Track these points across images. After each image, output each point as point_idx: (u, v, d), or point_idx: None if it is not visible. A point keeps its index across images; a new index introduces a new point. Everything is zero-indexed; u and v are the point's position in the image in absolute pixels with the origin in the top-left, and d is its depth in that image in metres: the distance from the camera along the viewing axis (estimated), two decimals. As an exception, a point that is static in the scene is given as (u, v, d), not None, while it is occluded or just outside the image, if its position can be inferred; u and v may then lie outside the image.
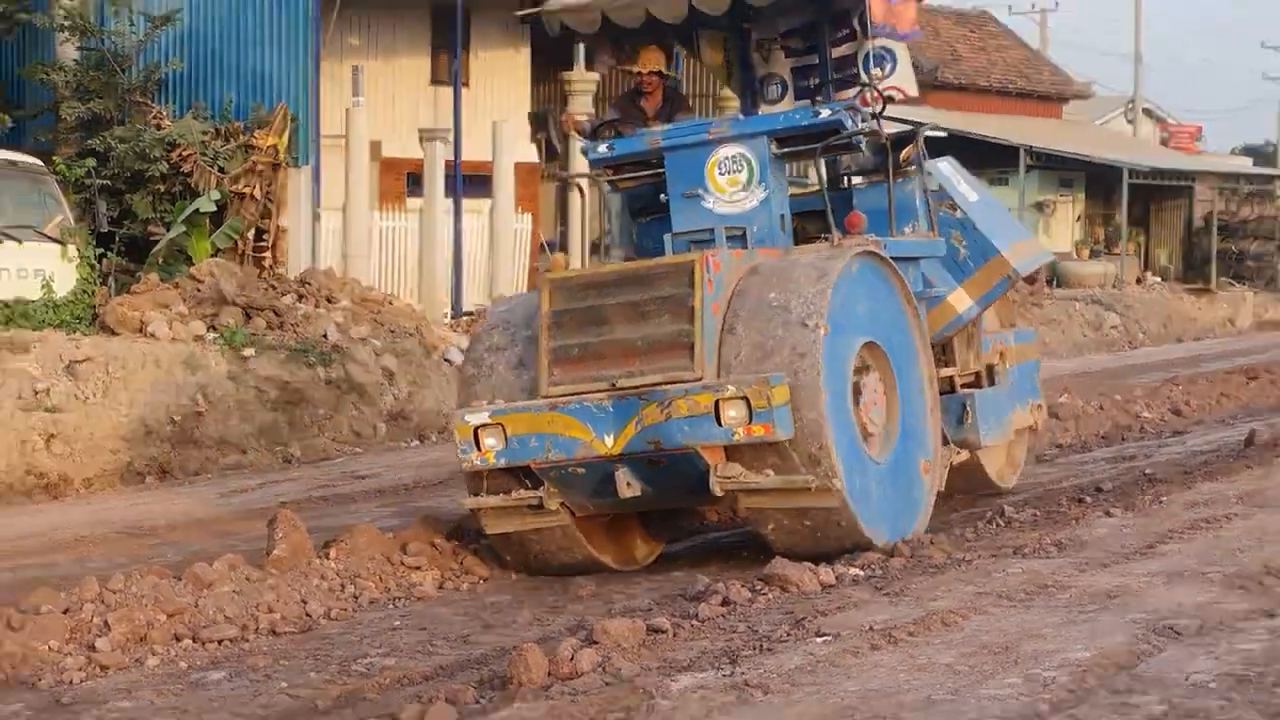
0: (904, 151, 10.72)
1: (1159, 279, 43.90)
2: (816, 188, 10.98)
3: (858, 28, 10.29)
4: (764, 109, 11.09)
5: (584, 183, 11.52)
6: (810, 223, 10.51)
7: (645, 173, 10.65)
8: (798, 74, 11.06)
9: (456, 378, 10.41)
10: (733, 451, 8.80)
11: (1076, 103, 54.49)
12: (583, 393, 9.09)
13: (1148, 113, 60.53)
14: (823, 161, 10.89)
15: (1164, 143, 58.42)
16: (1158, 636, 7.31)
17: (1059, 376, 22.70)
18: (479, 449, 9.23)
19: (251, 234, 22.20)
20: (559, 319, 9.36)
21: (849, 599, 8.38)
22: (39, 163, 21.54)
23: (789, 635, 7.56)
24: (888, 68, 10.23)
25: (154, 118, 23.36)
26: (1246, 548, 9.34)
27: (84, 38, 24.42)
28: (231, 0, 24.42)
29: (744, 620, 8.03)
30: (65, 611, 8.67)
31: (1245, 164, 56.76)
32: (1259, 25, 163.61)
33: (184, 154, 22.49)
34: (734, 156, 10.07)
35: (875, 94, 10.25)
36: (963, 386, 11.14)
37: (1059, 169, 45.57)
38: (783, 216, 10.26)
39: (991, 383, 11.55)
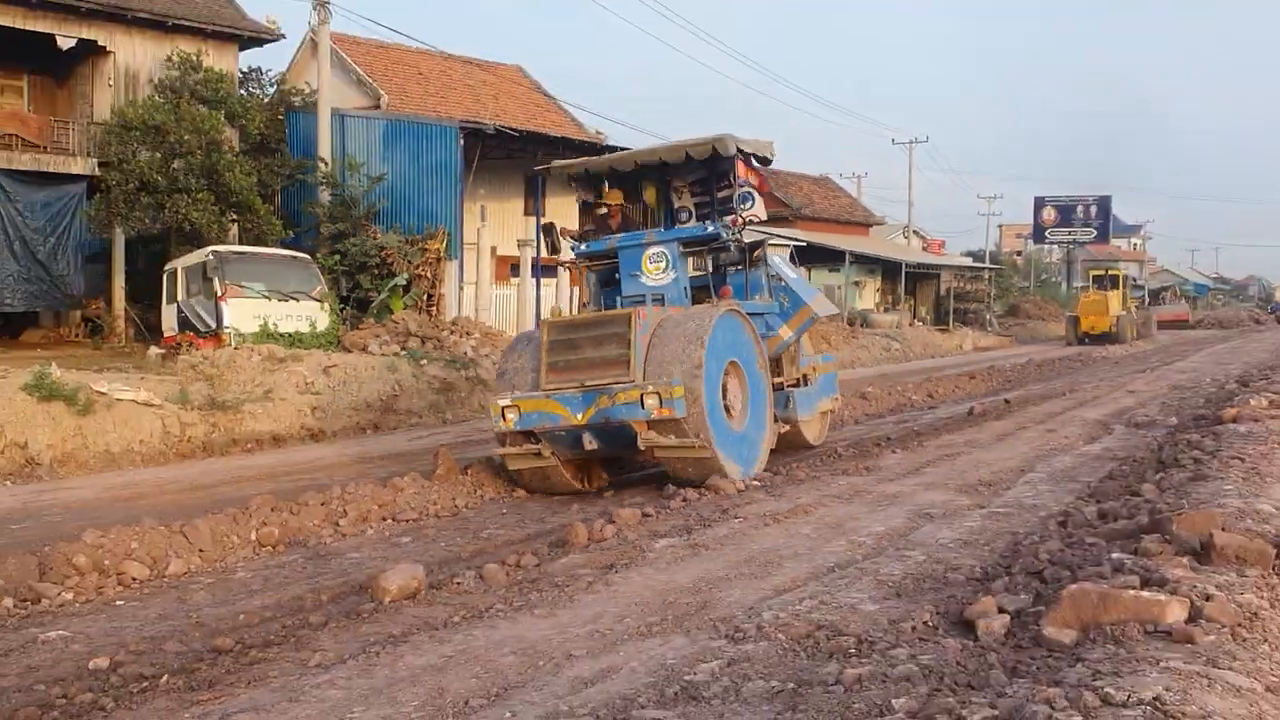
0: (755, 253, 11.06)
1: (921, 323, 43.94)
2: (703, 273, 11.17)
3: (733, 180, 10.48)
4: (677, 226, 11.12)
5: (572, 268, 11.44)
6: (702, 294, 10.73)
7: (608, 262, 10.77)
8: (699, 207, 11.20)
9: (495, 375, 10.38)
10: (652, 424, 8.85)
11: (876, 227, 54.56)
12: (564, 388, 9.16)
13: (915, 232, 60.56)
14: (709, 258, 11.02)
15: (924, 249, 58.47)
16: (920, 519, 7.35)
17: (868, 377, 22.70)
18: (504, 419, 9.27)
19: (425, 298, 22.18)
20: (553, 345, 9.41)
21: (752, 498, 8.38)
22: (309, 257, 21.54)
23: (720, 518, 7.58)
24: (749, 204, 10.28)
25: (371, 233, 23.36)
26: (969, 470, 9.38)
27: (333, 188, 24.42)
28: (414, 168, 24.43)
29: (694, 509, 8.04)
30: (322, 504, 8.67)
31: (967, 260, 56.92)
32: (977, 179, 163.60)
33: (387, 254, 22.53)
34: (658, 252, 10.29)
35: (741, 220, 10.34)
36: (788, 386, 11.20)
37: (867, 263, 45.51)
38: (686, 288, 10.39)
39: (805, 384, 11.51)
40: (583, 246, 10.92)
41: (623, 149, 13.29)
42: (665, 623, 5.07)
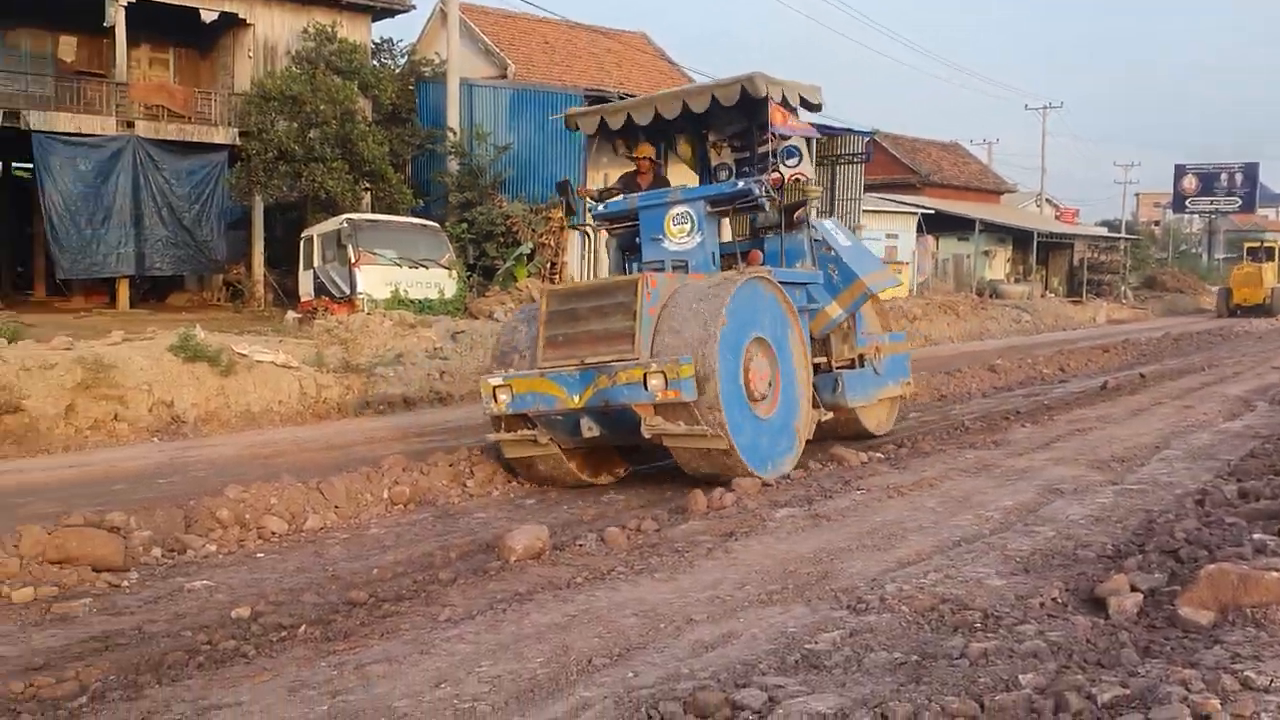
0: (796, 213, 9.46)
1: (1053, 294, 42.76)
2: (742, 237, 10.01)
3: (774, 135, 9.16)
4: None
5: (590, 230, 10.27)
6: (735, 261, 9.44)
7: (629, 225, 9.49)
8: (740, 163, 9.83)
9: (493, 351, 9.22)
10: (659, 408, 7.72)
11: (1007, 195, 53.17)
12: (562, 366, 8.05)
13: (1048, 200, 58.89)
14: (746, 220, 9.98)
15: (1057, 217, 56.77)
16: (1050, 494, 7.17)
17: (996, 349, 22.21)
18: (496, 401, 8.24)
19: (548, 266, 22.43)
20: (552, 316, 8.30)
21: (876, 470, 8.28)
22: (437, 225, 21.98)
23: (842, 489, 7.51)
24: (794, 159, 9.09)
25: (497, 202, 23.70)
26: (1101, 445, 9.10)
27: (461, 157, 24.82)
28: (539, 136, 24.64)
29: (815, 480, 7.97)
30: (450, 465, 8.87)
31: (1102, 230, 55.01)
32: (1115, 147, 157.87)
33: (513, 222, 22.82)
34: (682, 213, 9.00)
35: (782, 176, 9.07)
36: (838, 368, 9.92)
37: (998, 232, 44.42)
38: (714, 254, 9.09)
39: (861, 366, 10.14)
40: (600, 207, 9.68)
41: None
42: (786, 591, 5.07)
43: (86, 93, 23.56)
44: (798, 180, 9.50)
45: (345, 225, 20.05)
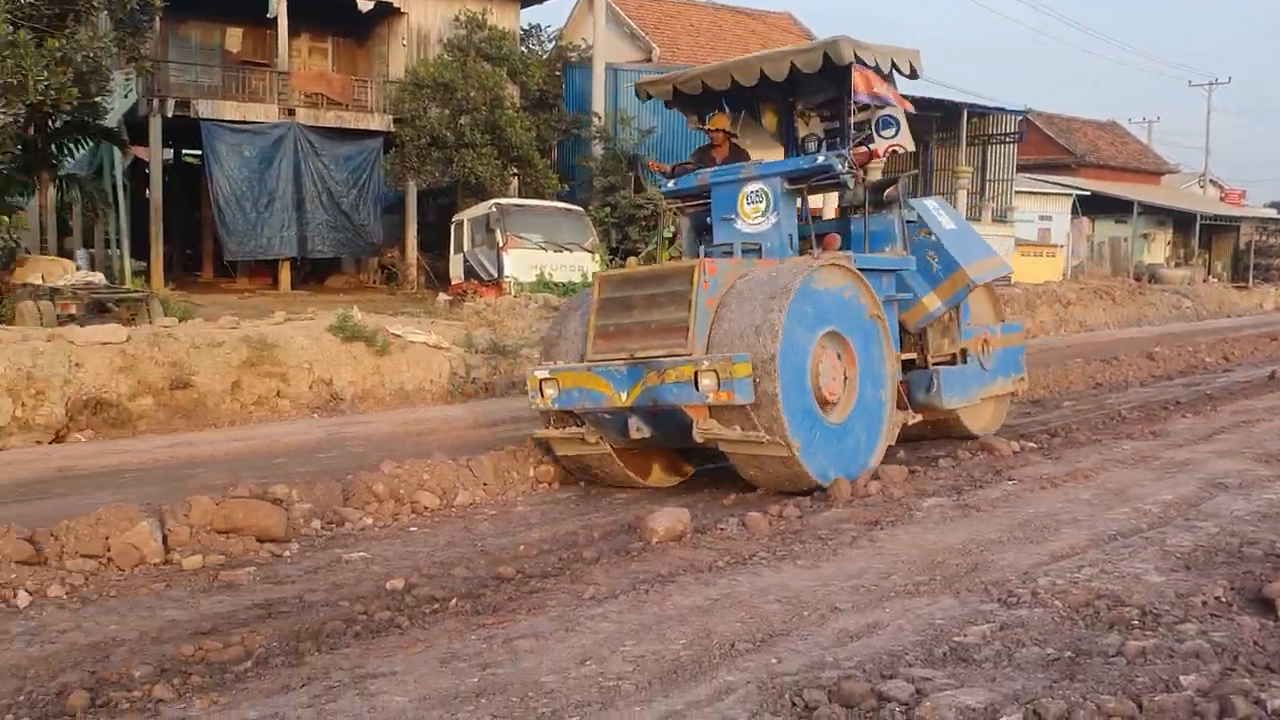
0: (886, 192, 8.59)
1: (1216, 279, 40.81)
2: (830, 218, 9.04)
3: (850, 96, 8.33)
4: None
5: (662, 207, 9.51)
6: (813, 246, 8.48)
7: (701, 203, 8.70)
8: (829, 134, 8.83)
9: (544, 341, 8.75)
10: (714, 410, 7.00)
11: (1168, 176, 50.97)
12: (611, 359, 7.40)
13: (1212, 181, 56.18)
14: (834, 196, 9.07)
15: (1221, 199, 54.07)
16: (1213, 488, 6.85)
17: (1154, 336, 21.34)
18: (542, 395, 7.65)
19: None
20: (603, 304, 7.64)
21: (1028, 460, 8.03)
22: (582, 209, 22.23)
23: (992, 479, 7.32)
24: (891, 130, 8.52)
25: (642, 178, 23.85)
26: (1268, 438, 8.66)
27: (605, 142, 25.02)
28: (682, 121, 24.56)
29: (965, 470, 7.78)
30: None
31: (1270, 212, 52.15)
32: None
33: (655, 206, 22.96)
34: (757, 191, 8.15)
35: (874, 151, 8.55)
36: (935, 364, 8.97)
37: (1158, 214, 42.68)
38: (790, 237, 8.20)
39: (963, 361, 9.18)
40: (669, 184, 8.86)
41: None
42: (933, 583, 4.97)
43: (251, 82, 24.54)
44: (895, 153, 8.92)
45: (494, 210, 20.45)
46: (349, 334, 12.76)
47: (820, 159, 8.12)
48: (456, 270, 21.60)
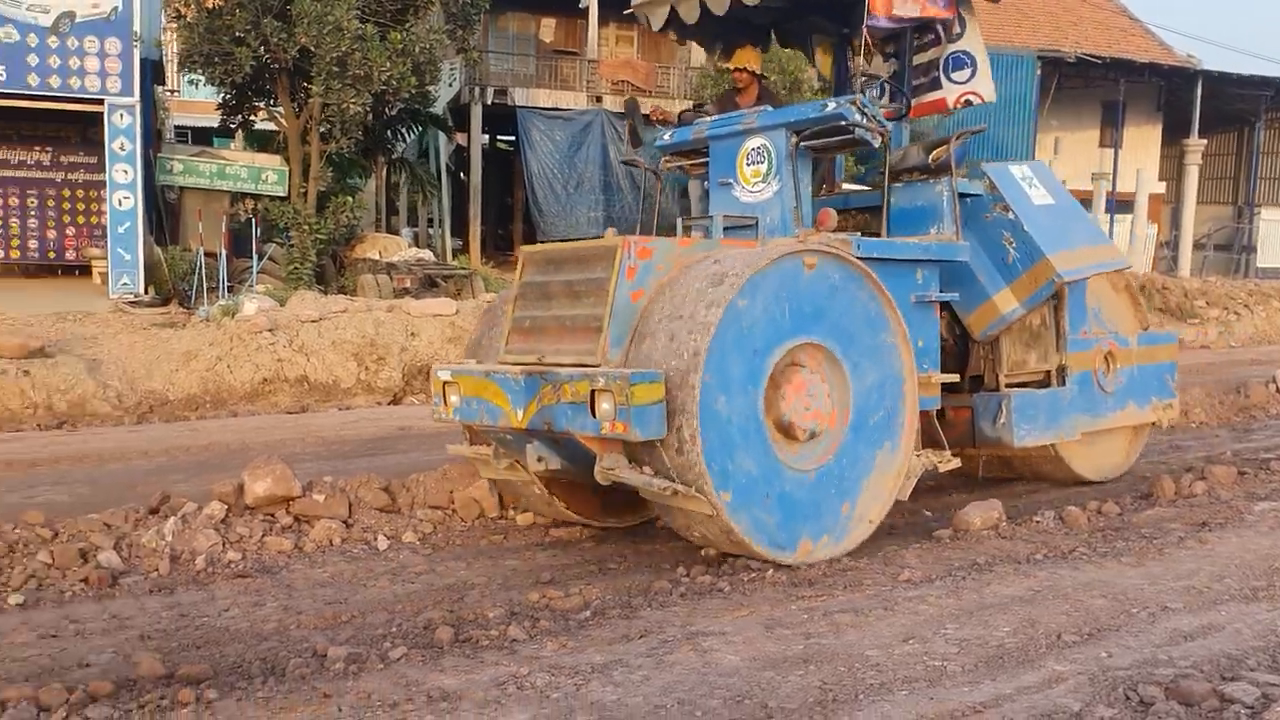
0: (933, 154, 6.47)
1: None
2: (868, 189, 7.20)
3: (940, 32, 6.80)
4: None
5: (655, 166, 7.23)
6: (849, 219, 6.78)
7: (703, 161, 6.81)
8: (896, 78, 6.89)
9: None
10: (609, 444, 5.08)
11: None
12: (519, 363, 5.59)
13: None
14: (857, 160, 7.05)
15: None
16: None
17: None
18: (444, 403, 5.82)
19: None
20: (523, 291, 5.83)
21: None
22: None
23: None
24: (967, 73, 6.81)
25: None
26: None
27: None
28: (986, 102, 23.98)
29: (1302, 474, 7.31)
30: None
31: None
32: None
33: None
34: (759, 148, 6.21)
35: (951, 101, 6.91)
36: (1012, 384, 6.85)
37: None
38: (797, 210, 6.08)
39: (1060, 384, 6.96)
40: (665, 135, 6.95)
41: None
42: (1273, 589, 4.71)
43: (562, 70, 25.69)
44: (969, 102, 7.01)
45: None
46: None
47: (831, 106, 6.02)
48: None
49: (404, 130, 22.07)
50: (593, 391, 4.92)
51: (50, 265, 19.00)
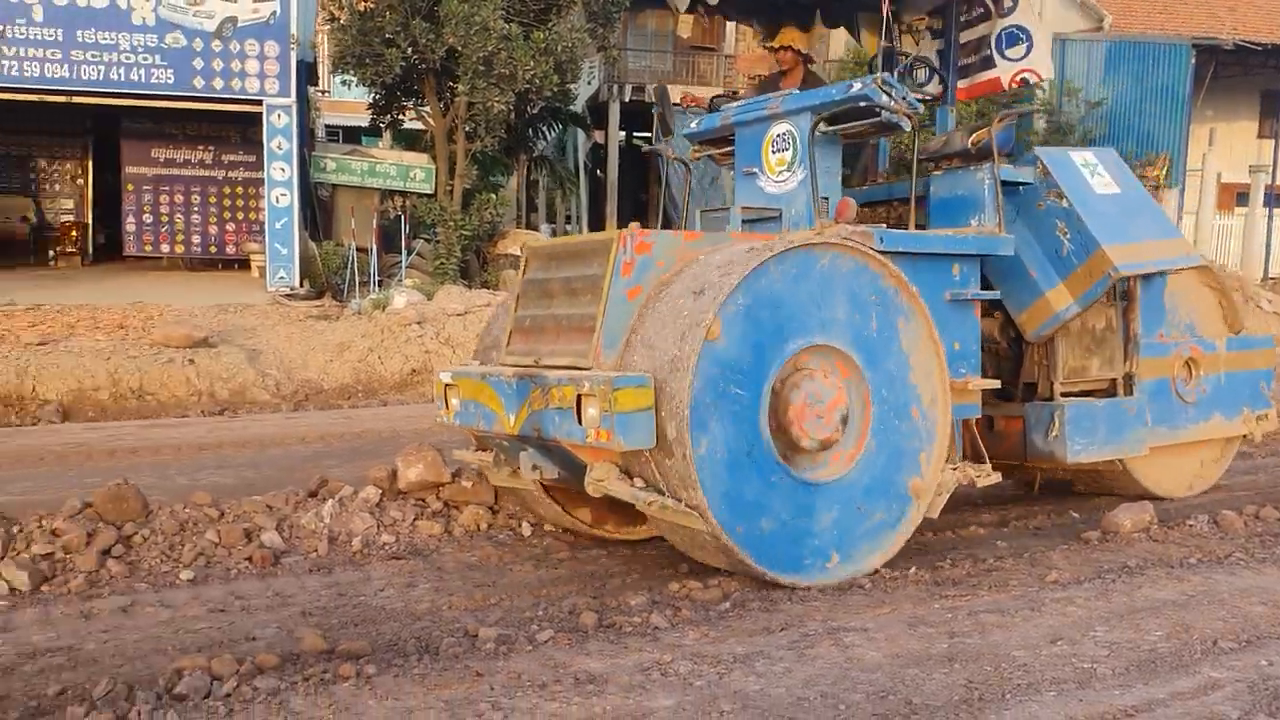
0: (973, 137, 5.90)
1: None
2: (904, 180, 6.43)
3: (990, 6, 6.32)
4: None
5: (682, 156, 6.80)
6: (892, 210, 6.27)
7: (731, 149, 6.30)
8: (940, 58, 6.45)
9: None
10: (599, 452, 4.70)
11: None
12: (517, 365, 5.28)
13: None
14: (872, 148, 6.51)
15: None
16: None
17: None
18: (446, 406, 5.53)
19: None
20: (526, 288, 5.52)
21: None
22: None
23: None
24: (1023, 49, 6.32)
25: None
26: None
27: (1049, 115, 23.90)
28: (1136, 90, 23.12)
29: None
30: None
31: None
32: None
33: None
34: (784, 134, 5.74)
35: (1007, 80, 6.36)
36: (1068, 393, 6.18)
37: None
38: (825, 200, 5.61)
39: (1127, 393, 6.31)
40: (693, 125, 6.57)
41: None
42: None
43: (699, 66, 25.75)
44: (1025, 81, 6.56)
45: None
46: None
47: (856, 86, 5.52)
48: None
49: (545, 128, 22.41)
50: (579, 396, 4.54)
51: (211, 259, 19.93)
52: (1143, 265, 6.20)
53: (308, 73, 19.51)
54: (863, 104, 5.43)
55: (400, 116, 19.39)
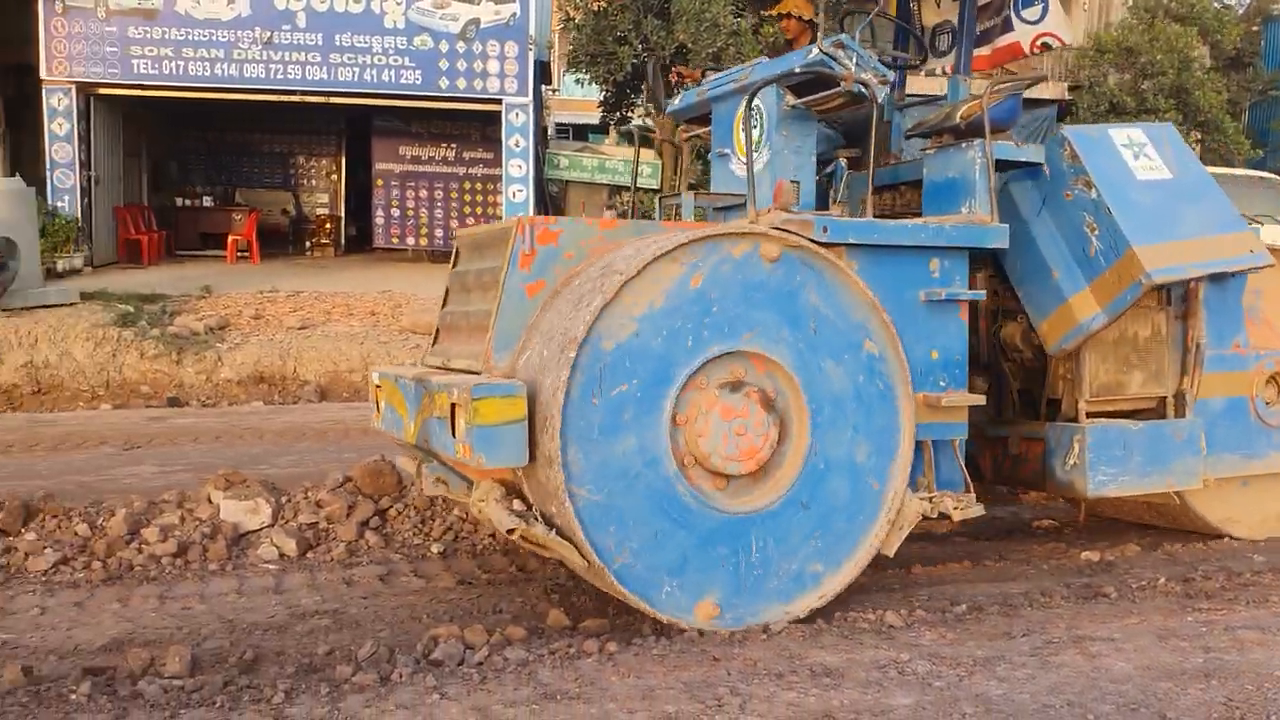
0: (961, 112, 5.01)
1: None
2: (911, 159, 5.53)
3: None
4: (933, 64, 5.89)
5: (672, 137, 5.34)
6: (899, 195, 5.52)
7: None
8: (959, 20, 5.69)
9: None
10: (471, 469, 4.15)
11: None
12: (435, 368, 4.81)
13: None
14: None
15: None
16: None
17: None
18: (377, 411, 4.92)
19: None
20: (451, 281, 5.01)
21: None
22: (1277, 178, 19.89)
23: None
24: (1038, 9, 5.59)
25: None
26: None
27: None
28: None
29: None
30: None
31: None
32: None
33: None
34: (754, 109, 4.96)
35: (1029, 45, 5.54)
36: (1097, 415, 5.11)
37: None
38: (796, 184, 4.85)
39: (1177, 414, 5.22)
40: (674, 101, 5.96)
41: None
42: None
43: (928, 57, 25.09)
44: (1046, 46, 5.79)
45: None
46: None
47: (814, 53, 4.79)
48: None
49: (767, 122, 22.35)
50: (452, 406, 3.93)
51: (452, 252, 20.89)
52: (1184, 269, 5.00)
53: (542, 72, 20.14)
54: (820, 71, 4.78)
55: (629, 113, 19.78)
